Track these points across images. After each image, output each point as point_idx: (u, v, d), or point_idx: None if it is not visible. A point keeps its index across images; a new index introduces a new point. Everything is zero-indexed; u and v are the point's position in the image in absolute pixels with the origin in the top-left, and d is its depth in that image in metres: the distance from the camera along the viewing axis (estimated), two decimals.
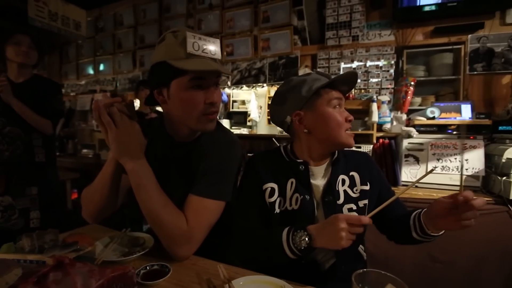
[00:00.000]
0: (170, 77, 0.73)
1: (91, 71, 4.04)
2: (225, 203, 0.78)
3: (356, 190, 0.78)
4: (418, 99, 2.24)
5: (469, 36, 2.12)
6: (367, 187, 0.79)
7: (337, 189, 0.77)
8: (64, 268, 0.53)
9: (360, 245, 0.82)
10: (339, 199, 0.76)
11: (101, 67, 3.94)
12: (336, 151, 0.82)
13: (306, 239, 0.65)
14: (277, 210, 0.78)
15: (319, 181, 0.79)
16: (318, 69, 2.58)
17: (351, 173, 0.81)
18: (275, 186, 0.79)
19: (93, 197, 0.80)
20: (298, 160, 0.80)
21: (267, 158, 0.85)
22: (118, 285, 0.50)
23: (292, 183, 0.78)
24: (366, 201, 0.78)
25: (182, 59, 0.70)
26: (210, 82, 0.74)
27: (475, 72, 2.12)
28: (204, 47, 0.72)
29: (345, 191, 0.78)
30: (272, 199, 0.78)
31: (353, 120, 0.78)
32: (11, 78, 1.53)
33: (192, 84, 0.72)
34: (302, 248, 0.65)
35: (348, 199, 0.77)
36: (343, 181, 0.79)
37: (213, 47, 0.74)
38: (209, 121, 0.77)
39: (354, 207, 0.76)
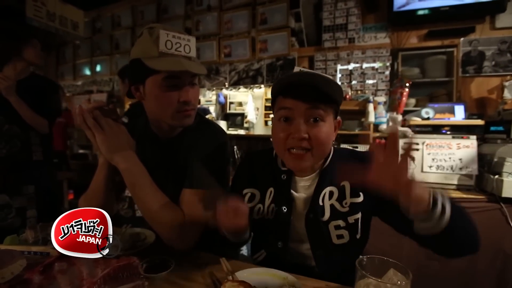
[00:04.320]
0: (144, 75, 0.73)
1: (88, 72, 4.03)
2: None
3: (346, 204, 0.67)
4: (413, 100, 2.29)
5: (461, 39, 2.19)
6: (359, 199, 0.66)
7: (321, 203, 0.68)
8: (69, 259, 0.54)
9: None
10: (323, 215, 0.67)
11: (98, 67, 3.93)
12: (329, 159, 0.71)
13: None
14: (255, 217, 0.75)
15: (302, 193, 0.71)
16: (316, 70, 2.61)
17: (342, 183, 0.69)
18: (256, 192, 0.76)
19: (90, 206, 0.81)
20: (283, 168, 0.73)
21: (258, 159, 0.81)
22: (124, 274, 0.50)
23: (271, 192, 0.74)
24: (358, 216, 0.67)
25: (155, 58, 0.70)
26: (185, 81, 0.74)
27: (468, 75, 2.18)
28: (178, 45, 0.72)
29: (332, 205, 0.68)
30: (250, 205, 0.75)
31: (302, 138, 0.61)
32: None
33: (166, 83, 0.72)
34: None
35: (335, 214, 0.67)
36: (331, 193, 0.69)
37: (187, 46, 0.73)
38: (185, 117, 0.77)
39: (343, 224, 0.67)
